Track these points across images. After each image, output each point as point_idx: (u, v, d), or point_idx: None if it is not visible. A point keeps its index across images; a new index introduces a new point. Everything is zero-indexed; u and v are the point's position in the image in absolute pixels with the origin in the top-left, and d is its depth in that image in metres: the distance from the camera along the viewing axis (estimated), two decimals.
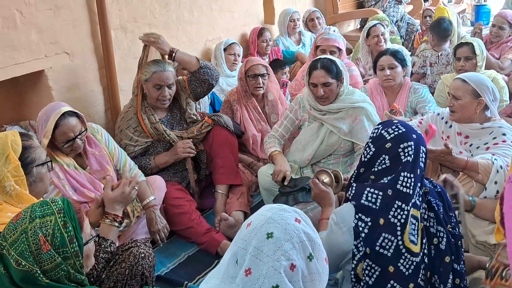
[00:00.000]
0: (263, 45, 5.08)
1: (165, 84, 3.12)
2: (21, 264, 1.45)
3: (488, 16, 8.56)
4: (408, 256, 1.83)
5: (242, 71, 3.68)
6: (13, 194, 1.91)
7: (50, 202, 1.55)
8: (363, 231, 1.85)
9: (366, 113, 3.04)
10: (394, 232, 1.83)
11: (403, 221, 1.83)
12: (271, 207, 1.44)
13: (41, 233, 1.47)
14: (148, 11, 3.95)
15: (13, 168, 1.90)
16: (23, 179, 1.93)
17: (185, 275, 2.75)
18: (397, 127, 1.93)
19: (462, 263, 1.95)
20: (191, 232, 2.99)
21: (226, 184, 3.35)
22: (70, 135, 2.57)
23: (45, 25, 3.14)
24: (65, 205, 1.56)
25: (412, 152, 1.88)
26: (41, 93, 3.29)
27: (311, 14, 5.74)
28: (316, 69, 2.99)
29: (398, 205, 1.84)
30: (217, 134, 3.37)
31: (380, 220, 1.84)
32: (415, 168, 1.88)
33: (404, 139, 1.90)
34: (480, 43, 3.69)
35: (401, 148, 1.88)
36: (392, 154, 1.89)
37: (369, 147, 1.97)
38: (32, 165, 2.01)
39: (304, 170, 3.16)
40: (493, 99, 2.74)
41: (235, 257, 1.36)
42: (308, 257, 1.34)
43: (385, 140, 1.91)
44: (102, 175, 2.79)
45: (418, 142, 1.91)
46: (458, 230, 1.99)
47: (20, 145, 1.96)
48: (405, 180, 1.86)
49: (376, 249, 1.82)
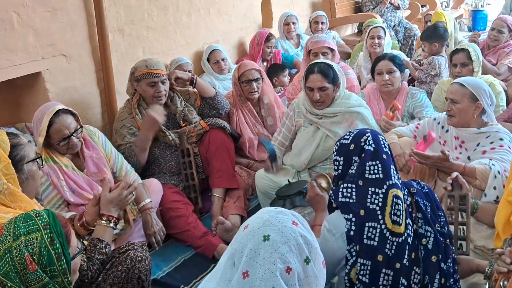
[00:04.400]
0: (267, 51, 5.04)
1: (159, 80, 3.14)
2: (6, 285, 1.37)
3: (485, 21, 8.59)
4: (392, 239, 1.86)
5: (236, 76, 3.68)
6: (6, 193, 1.87)
7: (35, 216, 1.45)
8: (351, 229, 1.89)
9: (362, 117, 3.04)
10: (375, 218, 1.87)
11: (381, 204, 1.88)
12: (268, 210, 1.44)
13: (27, 252, 1.38)
14: (146, 14, 3.95)
15: (4, 166, 1.86)
16: (14, 177, 1.89)
17: (181, 279, 2.73)
18: (351, 132, 2.05)
19: (450, 261, 1.95)
20: (188, 235, 2.98)
21: (223, 188, 3.33)
22: (65, 132, 2.57)
23: (43, 27, 3.14)
24: (51, 219, 1.46)
25: (372, 142, 1.96)
26: (37, 95, 3.28)
27: (317, 17, 5.69)
28: (313, 73, 2.99)
29: (372, 191, 1.90)
30: (213, 137, 3.36)
31: (361, 211, 1.89)
32: (377, 154, 1.95)
33: (361, 135, 2.00)
34: (476, 49, 3.69)
35: (362, 142, 1.97)
36: (357, 151, 1.98)
37: (337, 160, 2.05)
38: (22, 162, 1.97)
39: (301, 174, 3.15)
40: (490, 103, 2.74)
41: (232, 260, 1.36)
42: (305, 260, 1.33)
43: (347, 145, 2.01)
44: (99, 177, 2.79)
45: (374, 133, 2.02)
46: (447, 229, 2.01)
47: (8, 143, 1.93)
48: (371, 168, 1.93)
49: (364, 242, 1.86)
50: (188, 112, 3.36)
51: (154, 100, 3.18)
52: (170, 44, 4.31)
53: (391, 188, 1.89)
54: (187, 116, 3.35)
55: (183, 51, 4.43)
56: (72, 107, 2.82)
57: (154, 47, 4.12)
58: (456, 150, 2.83)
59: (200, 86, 3.41)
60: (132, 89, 3.26)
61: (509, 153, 2.58)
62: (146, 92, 3.17)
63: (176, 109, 3.33)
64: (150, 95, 3.17)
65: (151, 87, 3.14)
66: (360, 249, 1.86)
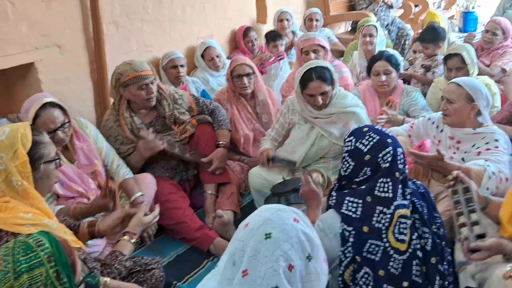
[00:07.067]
0: (249, 46, 5.11)
1: (149, 82, 3.04)
2: None
3: (476, 23, 8.64)
4: (396, 256, 1.84)
5: (228, 72, 3.66)
6: (19, 190, 1.83)
7: (36, 247, 1.29)
8: (349, 238, 1.87)
9: (357, 117, 3.02)
10: (379, 237, 1.85)
11: (387, 224, 1.85)
12: (268, 207, 1.42)
13: None
14: (140, 7, 3.92)
15: (20, 163, 1.82)
16: (29, 175, 1.85)
17: (174, 274, 2.68)
18: (370, 137, 1.94)
19: (446, 263, 1.96)
20: (184, 227, 2.94)
21: (214, 183, 3.31)
22: (50, 126, 2.52)
23: (37, 17, 3.10)
24: (55, 249, 1.31)
25: (390, 158, 1.89)
26: (30, 86, 3.23)
27: (311, 15, 5.68)
28: (312, 80, 2.91)
29: (379, 209, 1.87)
30: (202, 133, 3.33)
31: (364, 228, 1.86)
32: (391, 172, 1.89)
33: (382, 147, 1.91)
34: (470, 51, 3.68)
35: (380, 157, 1.90)
36: (372, 165, 1.91)
37: (347, 161, 1.97)
38: (40, 161, 1.91)
39: (295, 172, 3.14)
40: (486, 105, 2.75)
41: (232, 259, 1.34)
42: (307, 257, 1.32)
43: (362, 152, 1.93)
44: (90, 169, 2.76)
45: (395, 145, 1.93)
46: (443, 230, 2.01)
47: (30, 139, 1.87)
48: (382, 186, 1.88)
49: (364, 255, 1.84)
50: (177, 113, 3.26)
51: (146, 102, 3.08)
52: (164, 38, 4.27)
53: (398, 209, 1.86)
54: (178, 118, 3.26)
55: (177, 45, 4.40)
56: (64, 99, 2.79)
57: (148, 40, 4.09)
58: (450, 149, 2.83)
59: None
60: (117, 96, 3.11)
61: (504, 154, 2.58)
62: (137, 96, 3.04)
63: (165, 113, 3.21)
64: (142, 99, 3.05)
65: (142, 90, 3.02)
66: (360, 259, 1.86)
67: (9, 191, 1.82)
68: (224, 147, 3.33)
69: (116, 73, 3.04)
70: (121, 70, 3.02)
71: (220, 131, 3.39)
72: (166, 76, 4.16)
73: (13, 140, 1.84)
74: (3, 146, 1.82)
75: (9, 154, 1.82)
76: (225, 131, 3.42)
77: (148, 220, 2.21)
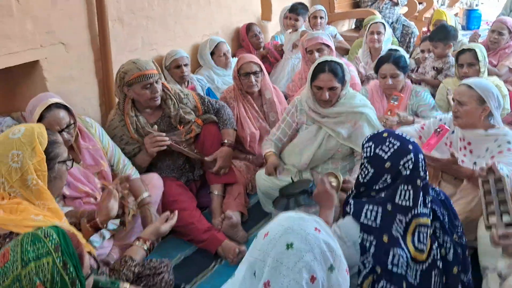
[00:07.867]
0: (254, 40, 5.09)
1: (154, 81, 2.99)
2: None
3: (479, 20, 8.63)
4: (416, 267, 1.81)
5: (235, 69, 3.62)
6: (34, 189, 1.81)
7: (43, 237, 1.31)
8: (370, 248, 1.83)
9: (366, 118, 2.98)
10: (400, 245, 1.81)
11: (402, 233, 1.82)
12: (288, 216, 1.39)
13: (38, 281, 1.25)
14: (146, 3, 3.87)
15: (37, 162, 1.80)
16: (45, 175, 1.83)
17: (181, 277, 2.64)
18: (390, 143, 1.90)
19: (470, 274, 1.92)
20: (192, 228, 2.90)
21: (221, 183, 3.28)
22: (55, 128, 2.47)
23: (42, 14, 3.04)
24: (62, 240, 1.33)
25: (411, 166, 1.85)
26: (35, 84, 3.19)
27: (315, 12, 5.62)
28: (323, 72, 2.89)
29: (399, 219, 1.83)
30: (207, 133, 3.29)
31: (384, 238, 1.82)
32: (412, 179, 1.85)
33: (403, 154, 1.87)
34: (482, 49, 3.66)
35: (401, 165, 1.86)
36: (393, 172, 1.87)
37: (366, 168, 1.93)
38: (55, 161, 1.90)
39: (303, 173, 3.10)
40: (497, 107, 2.71)
41: (252, 269, 1.31)
42: (329, 268, 1.29)
43: (383, 160, 1.88)
44: (96, 169, 2.73)
45: (416, 151, 1.89)
46: (464, 239, 1.96)
47: (46, 139, 1.87)
48: (403, 194, 1.84)
49: (389, 268, 1.79)
50: (183, 113, 3.21)
51: (151, 101, 3.03)
52: (169, 35, 4.23)
53: (418, 217, 1.83)
54: (183, 117, 3.21)
55: (181, 42, 4.36)
56: (69, 97, 2.74)
57: (153, 37, 4.04)
58: (460, 151, 2.80)
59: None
60: (121, 95, 3.07)
61: None
62: (141, 95, 2.99)
63: (170, 113, 3.17)
64: (146, 98, 3.00)
65: (146, 89, 2.97)
66: (381, 271, 1.80)
67: (23, 190, 1.81)
68: (229, 146, 3.30)
69: (121, 72, 3.00)
70: (125, 69, 2.98)
71: (225, 130, 3.35)
72: (170, 75, 4.11)
73: (30, 138, 1.83)
74: (20, 143, 1.81)
75: (27, 151, 1.80)
76: (230, 130, 3.37)
77: (164, 229, 2.19)
